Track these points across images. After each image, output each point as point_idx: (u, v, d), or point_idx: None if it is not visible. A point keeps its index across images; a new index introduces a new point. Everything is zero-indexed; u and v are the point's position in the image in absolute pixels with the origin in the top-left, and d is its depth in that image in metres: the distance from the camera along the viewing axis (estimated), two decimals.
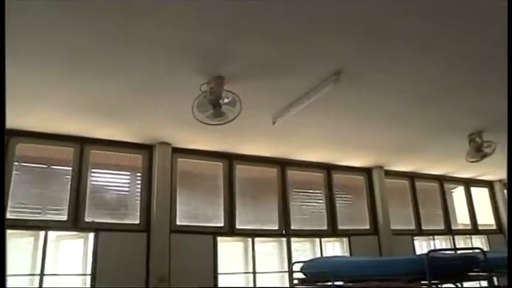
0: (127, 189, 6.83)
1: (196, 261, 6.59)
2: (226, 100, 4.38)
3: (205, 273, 6.64)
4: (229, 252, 7.19)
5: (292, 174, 7.96)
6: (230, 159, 7.43)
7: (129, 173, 6.97)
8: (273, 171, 7.83)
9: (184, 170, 7.10)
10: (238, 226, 7.20)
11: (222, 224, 7.09)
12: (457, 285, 4.21)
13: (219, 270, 6.78)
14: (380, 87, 5.04)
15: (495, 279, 5.96)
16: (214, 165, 7.36)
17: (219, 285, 6.68)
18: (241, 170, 7.52)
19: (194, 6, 3.29)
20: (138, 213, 6.53)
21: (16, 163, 5.91)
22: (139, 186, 6.72)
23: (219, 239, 6.97)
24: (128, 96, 5.02)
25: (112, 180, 6.78)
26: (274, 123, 5.73)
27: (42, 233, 5.83)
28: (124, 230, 6.35)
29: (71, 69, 4.28)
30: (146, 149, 6.80)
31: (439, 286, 4.07)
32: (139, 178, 6.76)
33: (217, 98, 4.33)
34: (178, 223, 6.70)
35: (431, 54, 4.25)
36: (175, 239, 6.49)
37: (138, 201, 6.62)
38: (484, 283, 5.62)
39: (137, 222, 6.48)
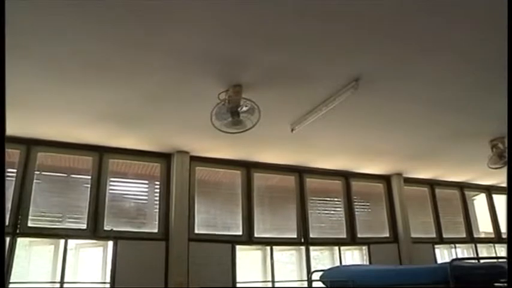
0: (145, 197, 6.87)
1: (214, 270, 6.58)
2: (244, 108, 4.37)
3: (223, 282, 6.61)
4: (248, 261, 7.16)
5: (310, 182, 7.91)
6: (248, 167, 7.42)
7: (147, 182, 7.01)
8: (291, 179, 7.79)
9: (203, 179, 7.12)
10: (256, 235, 7.17)
11: (240, 233, 7.07)
12: None
13: (238, 279, 6.75)
14: (399, 93, 4.99)
15: None
16: (232, 173, 7.35)
17: None
18: (259, 178, 7.50)
19: (213, 14, 3.30)
20: (157, 222, 6.55)
21: (37, 172, 5.99)
22: (157, 194, 6.75)
23: (237, 247, 6.94)
24: (146, 105, 5.05)
25: (130, 189, 6.83)
26: (292, 130, 5.71)
27: (62, 242, 5.88)
28: (143, 238, 6.37)
29: (89, 78, 4.32)
30: (164, 157, 6.83)
31: None
32: (157, 187, 6.79)
33: (236, 106, 4.33)
34: (196, 231, 6.70)
35: (452, 58, 4.19)
36: (194, 248, 6.49)
37: (157, 210, 6.64)
38: None
39: (156, 230, 6.50)
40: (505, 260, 4.36)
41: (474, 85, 4.96)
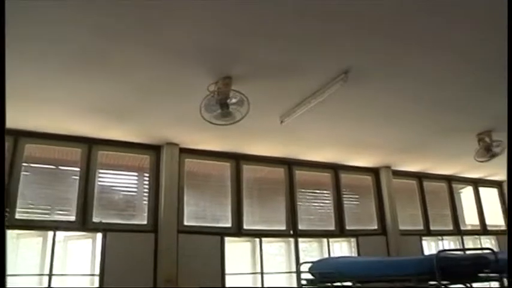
0: (135, 189, 6.86)
1: (203, 262, 6.60)
2: (233, 100, 4.38)
3: (212, 274, 6.64)
4: (237, 253, 7.19)
5: (299, 174, 7.94)
6: (237, 159, 7.43)
7: (136, 174, 6.99)
8: (280, 171, 7.81)
9: (192, 171, 7.11)
10: (245, 226, 7.19)
11: (229, 225, 7.09)
12: (466, 286, 4.16)
13: (227, 271, 6.77)
14: (388, 86, 5.03)
15: (505, 280, 5.93)
16: (221, 165, 7.36)
17: (227, 286, 6.68)
18: (248, 171, 7.51)
19: (203, 8, 3.30)
20: (146, 214, 6.54)
21: (25, 164, 5.95)
22: (147, 186, 6.73)
23: (226, 239, 6.96)
24: (135, 97, 5.04)
25: (119, 181, 6.80)
26: (282, 122, 5.72)
27: (50, 234, 5.85)
28: (132, 230, 6.36)
29: (78, 70, 4.29)
30: (154, 149, 6.82)
31: (449, 287, 4.03)
32: (146, 179, 6.78)
33: (225, 98, 4.34)
34: (185, 223, 6.70)
35: (441, 53, 4.23)
36: (183, 240, 6.50)
37: (146, 202, 6.63)
38: (495, 284, 5.57)
39: (145, 222, 6.49)
40: (489, 251, 4.44)
41: (462, 82, 5.04)
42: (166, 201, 6.50)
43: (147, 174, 6.79)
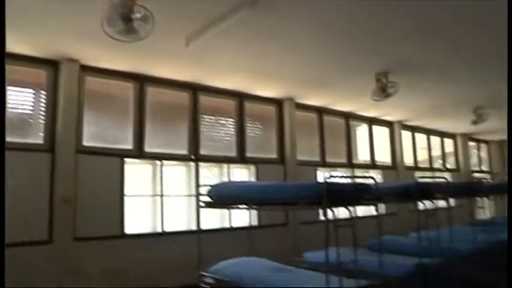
0: (30, 107, 6.41)
1: (103, 183, 6.54)
2: (138, 15, 4.18)
3: (112, 195, 6.62)
4: (137, 175, 7.18)
5: (204, 100, 7.93)
6: (141, 81, 7.21)
7: (32, 91, 6.49)
8: (184, 96, 7.74)
9: (93, 90, 6.79)
10: (147, 149, 7.15)
11: (130, 147, 6.99)
12: (349, 210, 4.55)
13: (126, 193, 6.78)
14: (296, 15, 5.06)
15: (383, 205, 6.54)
16: (124, 86, 7.11)
17: (125, 208, 6.72)
18: (152, 93, 7.34)
19: None
20: (42, 133, 6.23)
21: None
22: (43, 104, 6.35)
23: (127, 161, 6.90)
24: (30, 4, 4.61)
25: (13, 98, 6.23)
26: (187, 45, 5.59)
27: None
28: (27, 149, 6.04)
29: None
30: (51, 64, 6.36)
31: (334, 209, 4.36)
32: (43, 96, 6.37)
33: (129, 12, 4.12)
34: (85, 144, 6.51)
35: None
36: (82, 160, 6.34)
37: (42, 120, 6.29)
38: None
39: (41, 142, 6.20)
40: (372, 180, 4.87)
41: (367, 22, 5.23)
42: (64, 120, 6.23)
43: (44, 91, 6.37)
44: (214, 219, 7.79)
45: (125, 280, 6.36)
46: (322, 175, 9.51)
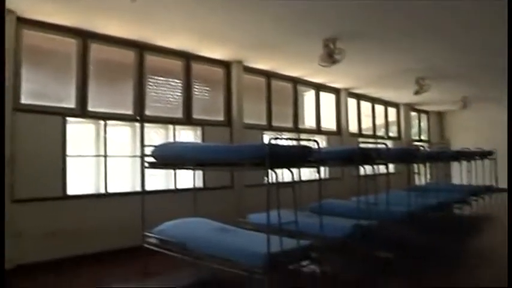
0: None
1: (43, 143, 6.30)
2: None
3: (53, 155, 6.40)
4: (80, 135, 6.98)
5: (150, 59, 7.71)
6: (85, 37, 6.89)
7: None
8: (130, 55, 7.48)
9: (33, 44, 6.42)
10: (90, 108, 6.91)
11: (73, 105, 6.74)
12: (292, 172, 4.64)
13: (68, 153, 6.58)
14: None
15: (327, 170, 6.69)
16: (67, 42, 6.77)
17: (68, 168, 6.53)
18: (97, 50, 7.05)
19: None
20: None
21: None
22: None
23: (69, 120, 6.66)
24: None
25: None
26: (134, 0, 5.37)
27: None
28: None
29: None
30: None
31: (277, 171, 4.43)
32: None
33: None
34: (23, 102, 6.20)
35: None
36: (20, 119, 6.06)
37: None
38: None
39: None
40: (314, 143, 4.97)
41: None
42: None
43: None
44: (159, 180, 7.73)
45: (67, 243, 6.26)
46: (268, 139, 9.54)
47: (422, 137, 17.82)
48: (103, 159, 7.01)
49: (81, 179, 6.86)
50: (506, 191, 14.17)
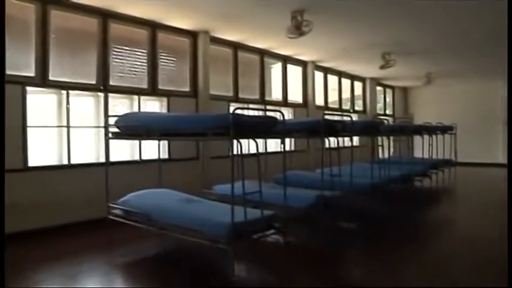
0: None
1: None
2: None
3: (12, 126, 6.18)
4: (41, 105, 6.77)
5: (114, 28, 7.46)
6: (45, 3, 6.59)
7: None
8: (94, 23, 7.22)
9: None
10: (51, 77, 6.68)
11: (33, 74, 6.50)
12: (256, 142, 4.66)
13: (28, 124, 6.36)
14: None
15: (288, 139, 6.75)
16: (25, 6, 6.46)
17: (29, 139, 6.34)
18: (58, 17, 6.76)
19: None
20: None
21: None
22: None
23: (29, 89, 6.43)
24: None
25: None
26: None
27: None
28: None
29: None
30: None
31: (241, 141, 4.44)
32: None
33: None
34: None
35: None
36: None
37: None
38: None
39: None
40: (278, 115, 5.00)
41: None
42: None
43: None
44: (124, 152, 7.63)
45: (29, 215, 6.12)
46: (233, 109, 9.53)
47: (387, 112, 18.15)
48: (66, 130, 6.83)
49: (43, 150, 6.69)
50: (464, 165, 14.73)
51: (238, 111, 4.41)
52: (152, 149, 7.61)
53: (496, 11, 7.09)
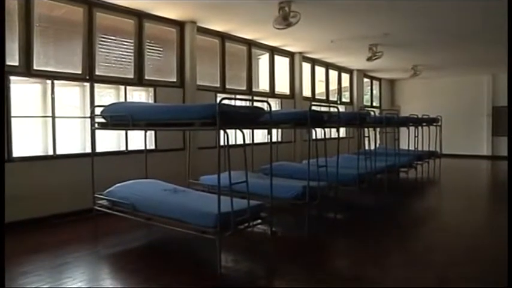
0: None
1: None
2: None
3: None
4: (26, 95, 6.69)
5: (101, 17, 7.36)
6: None
7: None
8: (79, 12, 7.10)
9: None
10: (36, 67, 6.57)
11: (16, 63, 6.39)
12: (243, 132, 4.66)
13: (12, 114, 6.24)
14: None
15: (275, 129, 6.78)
16: None
17: (13, 130, 6.25)
18: (42, 5, 6.65)
19: None
20: None
21: None
22: None
23: (12, 79, 6.32)
24: None
25: None
26: None
27: None
28: None
29: None
30: None
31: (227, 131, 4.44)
32: None
33: None
34: None
35: None
36: None
37: None
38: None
39: None
40: (265, 106, 5.01)
41: None
42: None
43: None
44: (110, 142, 7.59)
45: (14, 207, 6.02)
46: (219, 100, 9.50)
47: (374, 103, 18.25)
48: (51, 120, 6.75)
49: (28, 141, 6.62)
50: (449, 157, 14.92)
51: (225, 102, 4.40)
52: (139, 140, 7.57)
53: (483, 5, 7.16)
